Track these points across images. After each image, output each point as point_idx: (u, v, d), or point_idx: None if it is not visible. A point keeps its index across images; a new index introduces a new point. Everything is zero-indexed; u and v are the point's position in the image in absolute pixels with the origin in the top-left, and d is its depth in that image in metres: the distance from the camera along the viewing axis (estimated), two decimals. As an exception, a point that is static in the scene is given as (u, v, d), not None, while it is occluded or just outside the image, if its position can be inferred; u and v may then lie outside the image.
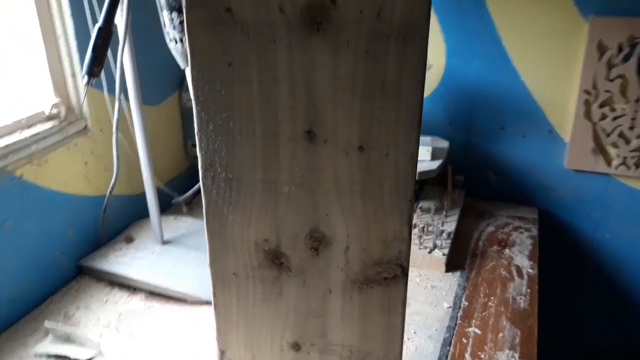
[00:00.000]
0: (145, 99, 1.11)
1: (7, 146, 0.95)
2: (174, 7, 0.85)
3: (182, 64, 0.93)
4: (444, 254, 1.12)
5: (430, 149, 1.19)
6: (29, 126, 1.01)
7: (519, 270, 1.13)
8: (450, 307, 1.02)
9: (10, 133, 0.97)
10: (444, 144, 1.30)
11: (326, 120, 0.60)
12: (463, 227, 1.28)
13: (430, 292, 1.06)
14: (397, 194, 0.63)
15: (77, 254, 1.13)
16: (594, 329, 1.51)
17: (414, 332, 0.95)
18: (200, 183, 0.66)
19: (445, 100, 1.39)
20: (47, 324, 0.95)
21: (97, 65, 0.79)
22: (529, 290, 1.07)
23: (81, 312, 1.02)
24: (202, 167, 0.65)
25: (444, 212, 1.24)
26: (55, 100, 1.05)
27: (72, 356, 0.90)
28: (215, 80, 0.61)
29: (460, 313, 1.00)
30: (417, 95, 0.58)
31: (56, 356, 0.91)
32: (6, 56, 0.99)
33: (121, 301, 1.05)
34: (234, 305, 0.74)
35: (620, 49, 1.22)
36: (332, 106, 0.60)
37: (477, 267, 1.14)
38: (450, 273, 1.12)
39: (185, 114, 1.41)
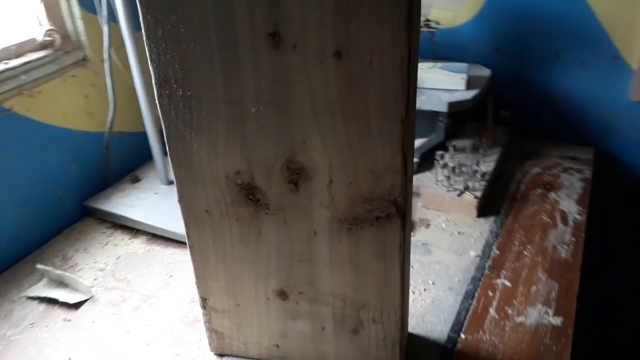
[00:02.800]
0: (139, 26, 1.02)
1: (-8, 76, 0.88)
2: None
3: None
4: (475, 197, 0.98)
5: (465, 76, 1.03)
6: (19, 55, 0.94)
7: (564, 216, 0.98)
8: (478, 255, 0.89)
9: (-4, 62, 0.91)
10: (484, 71, 1.13)
11: (293, 17, 0.48)
12: (504, 168, 1.13)
13: (456, 239, 0.94)
14: (387, 114, 0.50)
15: (82, 194, 1.08)
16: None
17: (432, 283, 0.84)
18: (157, 103, 0.56)
19: (491, 24, 1.21)
20: (40, 266, 0.90)
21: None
22: (573, 239, 0.92)
23: (80, 254, 0.97)
24: (156, 84, 0.55)
25: (481, 151, 1.09)
26: (49, 26, 0.97)
27: (61, 300, 0.86)
28: (159, -28, 0.50)
29: (489, 263, 0.88)
30: (403, -21, 0.44)
31: (47, 299, 0.87)
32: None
33: (121, 244, 0.99)
34: (210, 248, 0.65)
35: None
36: (299, -1, 0.47)
37: (515, 212, 1.00)
38: (482, 219, 0.99)
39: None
